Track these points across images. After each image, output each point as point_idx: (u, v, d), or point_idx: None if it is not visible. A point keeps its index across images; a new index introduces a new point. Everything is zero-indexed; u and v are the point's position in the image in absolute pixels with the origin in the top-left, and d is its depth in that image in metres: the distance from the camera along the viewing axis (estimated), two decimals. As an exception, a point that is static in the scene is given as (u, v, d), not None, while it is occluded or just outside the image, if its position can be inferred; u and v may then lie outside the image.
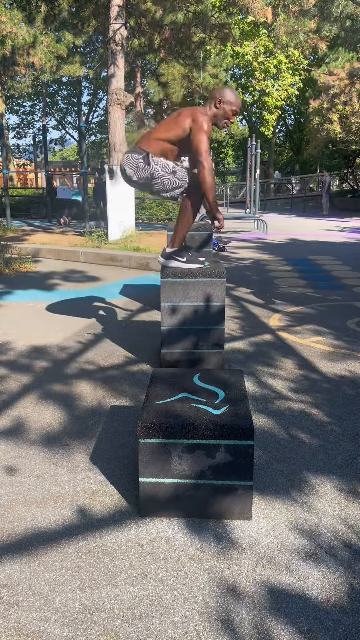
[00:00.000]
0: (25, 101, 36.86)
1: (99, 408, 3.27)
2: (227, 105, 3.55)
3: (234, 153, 43.09)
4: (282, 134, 38.69)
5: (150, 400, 2.35)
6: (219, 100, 3.54)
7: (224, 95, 3.55)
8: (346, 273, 7.99)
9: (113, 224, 10.41)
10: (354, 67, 19.85)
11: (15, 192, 19.13)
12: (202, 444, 2.14)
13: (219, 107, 3.55)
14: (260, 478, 2.51)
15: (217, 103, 3.55)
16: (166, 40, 13.73)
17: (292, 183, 31.45)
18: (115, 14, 10.72)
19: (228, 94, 3.56)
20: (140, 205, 15.57)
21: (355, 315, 5.43)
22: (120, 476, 2.53)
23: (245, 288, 6.77)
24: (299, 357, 4.15)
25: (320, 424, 3.06)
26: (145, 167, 3.60)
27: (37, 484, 2.48)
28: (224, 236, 12.93)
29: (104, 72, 20.88)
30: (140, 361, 4.07)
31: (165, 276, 3.65)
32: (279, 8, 11.10)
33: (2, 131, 12.67)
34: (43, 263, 8.84)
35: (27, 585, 1.86)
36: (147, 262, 8.23)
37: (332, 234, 13.98)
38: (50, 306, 5.81)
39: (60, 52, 12.66)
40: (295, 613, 1.75)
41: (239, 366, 3.96)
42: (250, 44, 24.63)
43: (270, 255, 9.91)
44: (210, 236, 5.58)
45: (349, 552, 2.03)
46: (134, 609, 1.76)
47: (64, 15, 12.38)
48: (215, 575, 1.91)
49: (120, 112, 11.02)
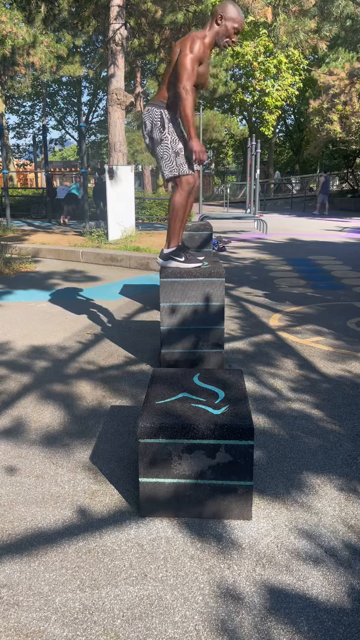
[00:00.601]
0: (25, 101, 36.88)
1: (99, 408, 3.27)
2: (229, 22, 3.37)
3: (234, 153, 43.09)
4: (282, 134, 38.70)
5: (150, 400, 2.35)
6: (220, 16, 3.36)
7: (226, 10, 3.36)
8: (346, 273, 7.99)
9: (113, 224, 10.41)
10: (354, 67, 19.85)
11: (15, 192, 19.12)
12: (202, 444, 2.14)
13: (221, 23, 3.37)
14: (260, 478, 2.51)
15: (218, 19, 3.37)
16: (166, 40, 13.73)
17: (292, 183, 31.45)
18: (115, 14, 10.73)
19: (231, 9, 3.37)
20: (140, 205, 15.58)
21: (355, 315, 5.43)
22: (120, 476, 2.53)
23: (245, 288, 6.77)
24: (299, 357, 4.15)
25: (320, 424, 3.06)
26: (160, 129, 3.47)
27: (37, 484, 2.48)
28: (224, 236, 12.93)
29: (104, 72, 20.89)
30: (140, 361, 4.07)
31: (165, 276, 3.65)
32: (279, 8, 11.11)
33: (2, 131, 12.67)
34: (43, 263, 8.84)
35: (27, 585, 1.86)
36: (147, 262, 8.23)
37: (332, 234, 13.98)
38: (50, 306, 5.81)
39: (60, 52, 12.67)
40: (295, 613, 1.75)
41: (239, 366, 3.96)
42: (250, 44, 24.63)
43: (270, 255, 9.91)
44: (210, 236, 5.58)
45: (349, 552, 2.03)
46: (134, 609, 1.76)
47: (63, 15, 12.38)
48: (215, 575, 1.91)
49: (120, 112, 11.02)
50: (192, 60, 3.28)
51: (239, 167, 42.89)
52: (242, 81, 28.01)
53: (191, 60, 3.28)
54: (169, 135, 3.48)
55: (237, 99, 27.89)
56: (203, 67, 3.43)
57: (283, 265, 8.72)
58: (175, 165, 3.50)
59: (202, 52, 3.34)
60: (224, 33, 3.40)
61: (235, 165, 45.88)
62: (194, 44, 3.30)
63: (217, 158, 42.76)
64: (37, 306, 5.80)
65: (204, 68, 3.44)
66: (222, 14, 3.37)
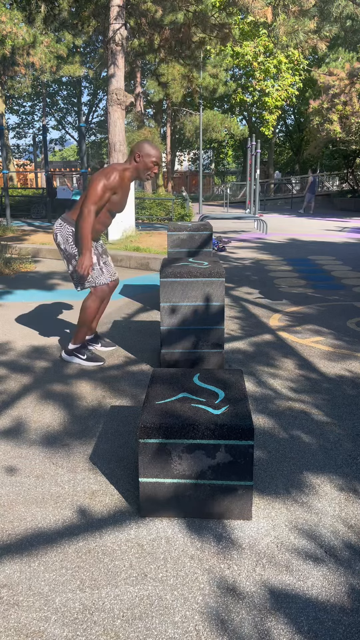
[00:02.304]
0: (25, 101, 36.90)
1: (99, 408, 3.27)
2: (145, 157, 3.69)
3: (234, 153, 43.11)
4: (282, 134, 38.70)
5: (150, 400, 2.35)
6: (137, 154, 3.69)
7: (142, 149, 3.69)
8: (346, 273, 7.99)
9: (113, 224, 10.41)
10: (354, 67, 19.86)
11: (15, 192, 19.13)
12: (202, 444, 2.14)
13: (139, 160, 3.70)
14: (260, 478, 2.51)
15: (136, 157, 3.70)
16: (166, 40, 13.73)
17: (292, 183, 31.45)
18: (115, 14, 10.72)
19: (146, 147, 3.70)
20: (140, 205, 15.58)
21: (355, 315, 5.43)
22: (120, 476, 2.53)
23: (245, 288, 6.78)
24: (299, 357, 4.15)
25: (320, 424, 3.06)
26: (72, 245, 3.78)
27: (37, 484, 2.48)
28: (224, 236, 12.93)
29: (104, 72, 20.90)
30: (140, 361, 4.08)
31: (165, 276, 3.65)
32: (279, 8, 11.10)
33: (2, 131, 12.67)
34: (43, 263, 8.84)
35: (27, 585, 1.86)
36: (147, 262, 8.23)
37: (332, 234, 13.99)
38: (50, 306, 5.81)
39: (60, 52, 12.67)
40: (295, 613, 1.75)
41: (239, 366, 3.96)
42: (250, 44, 24.63)
43: (270, 255, 9.91)
44: (210, 236, 5.58)
45: (349, 552, 2.03)
46: (134, 609, 1.76)
47: (64, 15, 12.38)
48: (215, 575, 1.91)
49: (120, 112, 11.02)
50: (104, 187, 3.59)
51: (239, 167, 42.91)
52: (242, 81, 28.01)
53: (103, 186, 3.58)
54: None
55: (237, 99, 27.90)
56: (119, 196, 3.73)
57: (283, 265, 8.72)
58: (92, 278, 3.81)
59: (117, 183, 3.64)
60: (143, 167, 3.72)
61: (235, 165, 45.90)
62: (110, 174, 3.62)
63: (217, 158, 42.79)
64: (37, 306, 5.80)
65: (119, 197, 3.74)
66: (139, 152, 3.68)
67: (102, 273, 3.86)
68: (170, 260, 4.07)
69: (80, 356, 3.98)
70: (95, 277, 3.81)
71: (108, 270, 3.94)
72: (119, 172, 3.65)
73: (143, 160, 3.68)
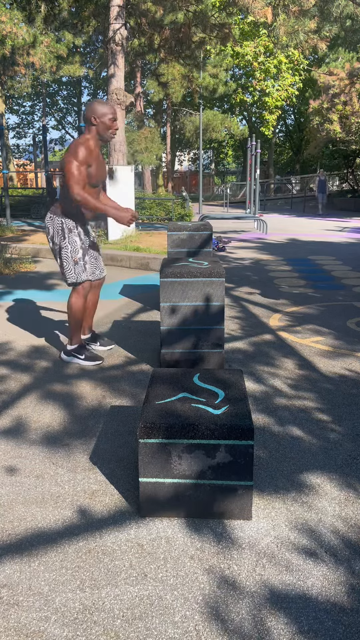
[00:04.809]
0: (25, 101, 36.89)
1: (99, 408, 3.27)
2: (102, 117, 3.66)
3: (234, 153, 43.09)
4: (282, 134, 38.69)
5: (150, 400, 2.35)
6: (93, 118, 3.66)
7: (95, 111, 3.66)
8: (346, 273, 7.99)
9: (113, 224, 10.41)
10: (354, 67, 19.86)
11: (15, 192, 19.12)
12: (202, 444, 2.14)
13: (97, 123, 3.67)
14: (260, 478, 2.51)
15: (92, 121, 3.67)
16: (166, 40, 13.73)
17: (292, 183, 31.45)
18: (115, 14, 10.73)
19: (98, 108, 3.67)
20: (140, 205, 15.57)
21: (355, 315, 5.43)
22: (120, 476, 2.53)
23: (245, 288, 6.77)
24: (299, 357, 4.15)
25: (320, 424, 3.06)
26: (61, 237, 3.79)
27: (37, 484, 2.48)
28: (224, 236, 12.93)
29: (104, 72, 20.88)
30: (140, 361, 4.08)
31: (165, 276, 3.65)
32: (279, 8, 11.10)
33: (2, 131, 12.67)
34: (43, 263, 8.84)
35: (27, 585, 1.86)
36: (147, 262, 8.23)
37: (332, 234, 13.99)
38: (50, 306, 5.81)
39: (60, 52, 12.67)
40: (295, 613, 1.75)
41: (239, 366, 3.96)
42: (250, 44, 24.62)
43: (270, 255, 9.91)
44: (210, 236, 5.59)
45: (349, 552, 2.03)
46: (134, 609, 1.76)
47: (64, 15, 12.39)
48: (216, 575, 1.91)
49: (120, 112, 11.02)
50: (77, 165, 3.54)
51: (239, 167, 42.89)
52: (242, 81, 28.02)
53: (76, 166, 3.54)
54: (70, 245, 3.78)
55: (237, 99, 27.89)
56: (94, 167, 3.67)
57: (283, 265, 8.72)
58: (74, 273, 3.80)
59: (87, 155, 3.59)
60: (103, 128, 3.68)
61: (235, 165, 45.88)
62: (77, 150, 3.56)
63: (217, 158, 42.78)
64: (37, 306, 5.80)
65: (95, 168, 3.67)
66: (94, 115, 3.65)
67: (85, 270, 3.84)
68: (170, 260, 4.07)
69: (79, 356, 3.98)
70: (77, 273, 3.80)
71: (93, 267, 3.93)
72: (83, 145, 3.60)
73: (100, 120, 3.65)
